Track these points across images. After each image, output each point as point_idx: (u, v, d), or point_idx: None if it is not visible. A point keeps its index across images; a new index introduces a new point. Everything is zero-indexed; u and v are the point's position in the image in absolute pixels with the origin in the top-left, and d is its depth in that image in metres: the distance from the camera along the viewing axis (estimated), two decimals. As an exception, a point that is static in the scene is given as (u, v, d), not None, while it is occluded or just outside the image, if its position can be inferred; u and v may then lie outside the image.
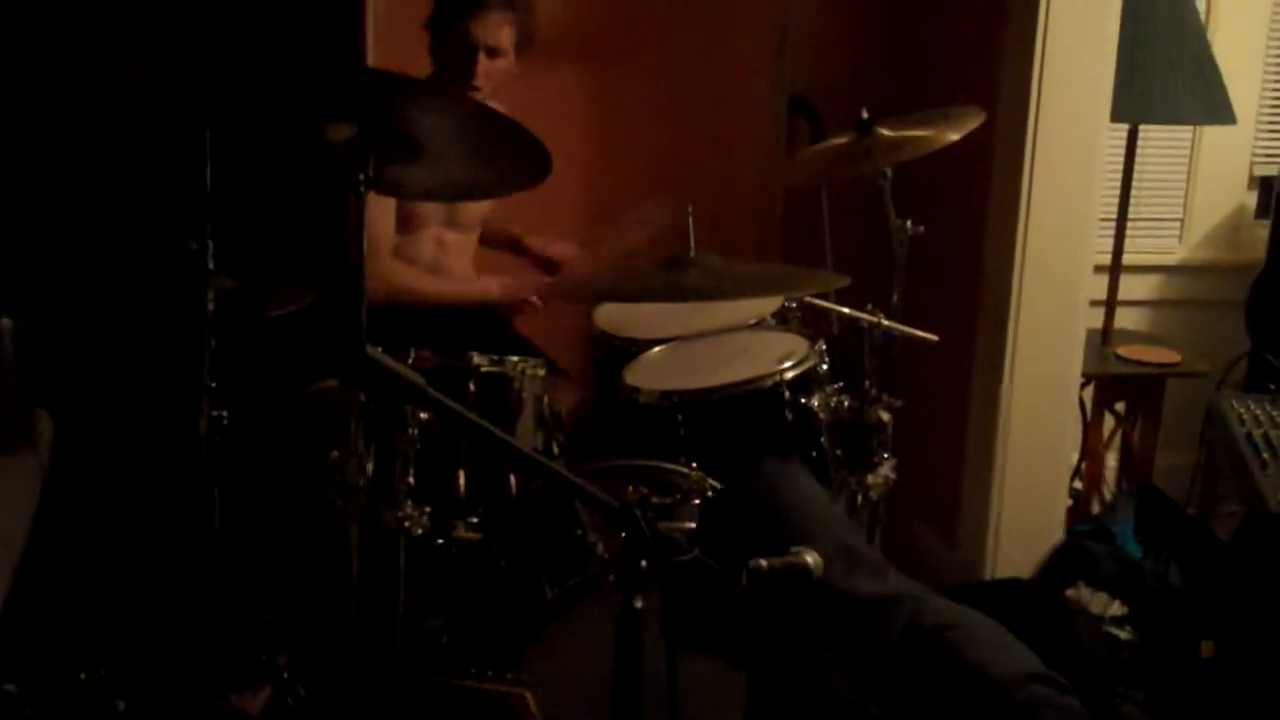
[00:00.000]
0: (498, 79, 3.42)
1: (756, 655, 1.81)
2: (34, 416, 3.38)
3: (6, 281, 3.50)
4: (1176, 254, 4.92)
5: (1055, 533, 3.83)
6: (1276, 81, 4.83)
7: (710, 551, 1.58)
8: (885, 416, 3.14)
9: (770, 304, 3.32)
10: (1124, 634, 3.51)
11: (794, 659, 1.75)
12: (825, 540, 1.80)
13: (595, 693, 1.68)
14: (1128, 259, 4.32)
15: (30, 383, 3.47)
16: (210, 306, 2.87)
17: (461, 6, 3.40)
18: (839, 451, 3.07)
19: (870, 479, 3.12)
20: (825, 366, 3.06)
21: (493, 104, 3.25)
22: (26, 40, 3.61)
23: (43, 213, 3.66)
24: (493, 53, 3.40)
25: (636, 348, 3.23)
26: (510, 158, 2.57)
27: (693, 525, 2.65)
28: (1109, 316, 4.29)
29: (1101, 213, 3.76)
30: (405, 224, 3.51)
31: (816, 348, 3.06)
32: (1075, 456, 4.22)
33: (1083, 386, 3.97)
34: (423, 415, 2.72)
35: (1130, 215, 4.27)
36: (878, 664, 1.72)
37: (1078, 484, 4.26)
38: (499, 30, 3.41)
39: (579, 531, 2.69)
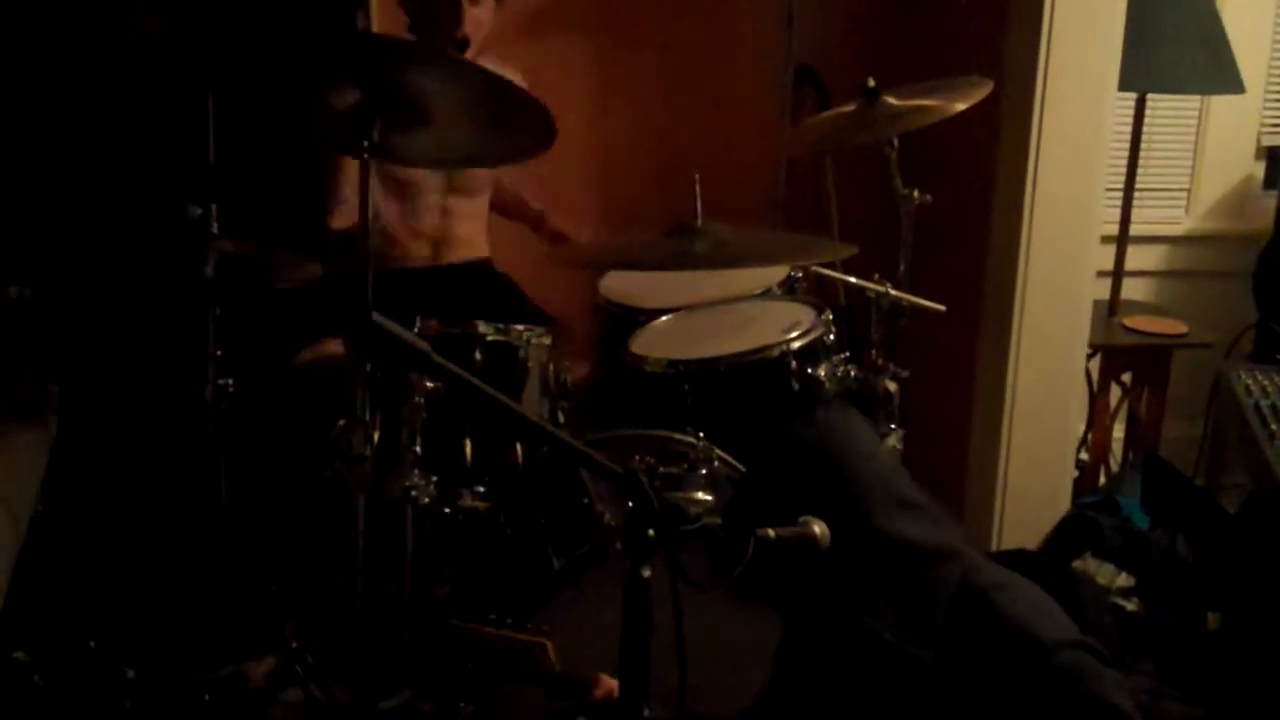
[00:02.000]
0: (484, 30, 3.38)
1: (798, 598, 1.81)
2: (40, 385, 3.38)
3: (12, 250, 3.50)
4: (1183, 224, 4.91)
5: (1061, 504, 3.82)
6: (1285, 51, 4.80)
7: (761, 501, 1.58)
8: (892, 387, 3.14)
9: (777, 273, 3.31)
10: (1130, 605, 3.50)
11: (841, 605, 1.74)
12: (886, 488, 1.79)
13: (604, 659, 1.68)
14: (1134, 229, 4.32)
15: (36, 351, 3.47)
16: (214, 273, 2.86)
17: None
18: (845, 422, 3.06)
19: (877, 449, 3.12)
20: (832, 336, 3.05)
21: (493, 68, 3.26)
22: (29, 8, 3.61)
23: (48, 182, 3.66)
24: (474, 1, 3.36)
25: (643, 316, 3.22)
26: (515, 125, 2.56)
27: (703, 496, 2.66)
28: (1116, 287, 4.28)
29: (1108, 183, 3.74)
30: (403, 193, 3.48)
31: (823, 317, 3.06)
32: (1081, 427, 4.22)
33: (1089, 357, 3.96)
34: (429, 384, 2.72)
35: (1137, 185, 4.26)
36: (931, 614, 1.71)
37: (1084, 455, 4.26)
38: None
39: (586, 500, 2.69)
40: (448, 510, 2.79)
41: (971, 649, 1.70)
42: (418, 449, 2.72)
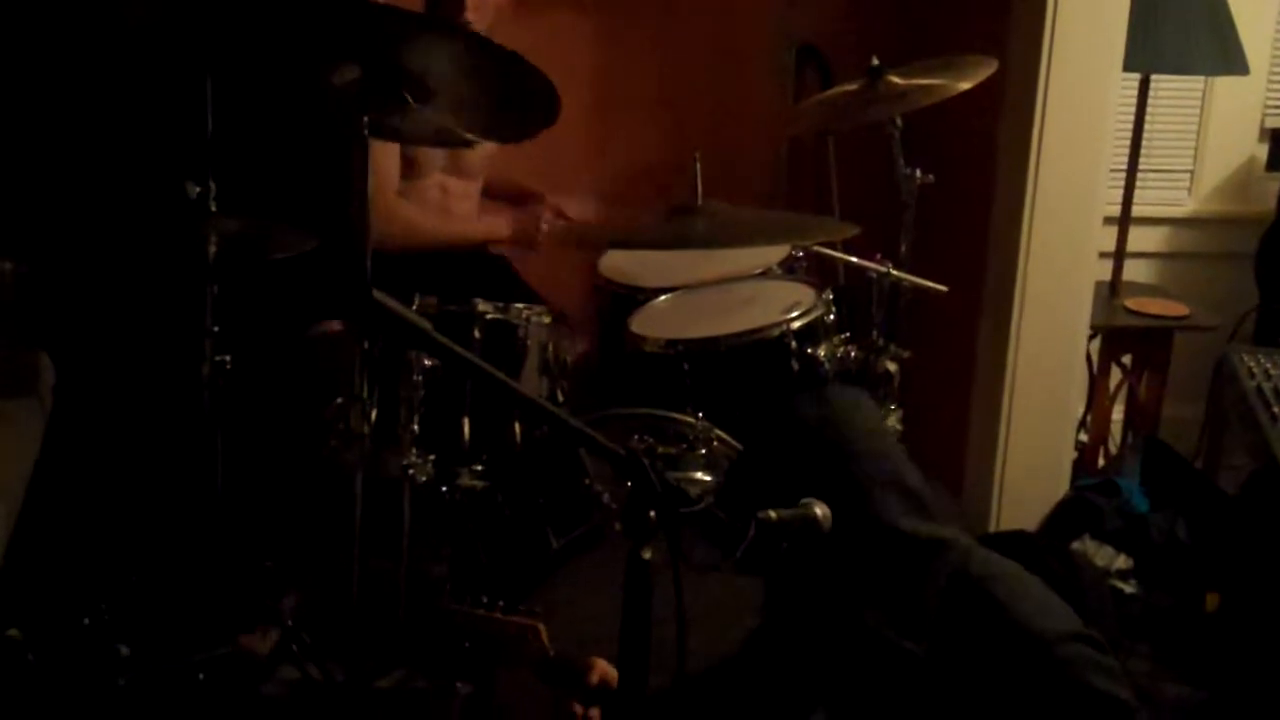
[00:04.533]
0: (488, 11, 3.36)
1: (784, 572, 1.81)
2: (36, 361, 3.36)
3: (7, 225, 3.48)
4: (1186, 206, 4.89)
5: (1061, 485, 3.82)
6: (1290, 32, 4.78)
7: (761, 479, 1.57)
8: (892, 367, 3.13)
9: (777, 253, 3.30)
10: (1129, 587, 3.50)
11: (826, 582, 1.74)
12: (886, 474, 1.78)
13: (603, 639, 1.67)
14: (1137, 211, 4.30)
15: (32, 327, 3.45)
16: (212, 250, 2.85)
17: None
18: (845, 402, 3.05)
19: (877, 430, 3.11)
20: (832, 316, 3.04)
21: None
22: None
23: (44, 157, 3.64)
24: None
25: (642, 296, 3.21)
26: (518, 99, 2.54)
27: (702, 476, 2.65)
28: (1118, 268, 4.27)
29: (1111, 164, 3.73)
30: (408, 169, 3.47)
31: (823, 297, 3.05)
32: (1081, 409, 4.21)
33: (1090, 339, 3.95)
34: (427, 362, 2.71)
35: (1140, 167, 4.25)
36: (922, 606, 1.71)
37: (1083, 436, 4.25)
38: None
39: (584, 480, 2.68)
40: (445, 489, 2.78)
41: (970, 641, 1.70)
42: (416, 427, 2.72)
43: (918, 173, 3.21)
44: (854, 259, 3.18)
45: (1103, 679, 1.65)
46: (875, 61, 3.14)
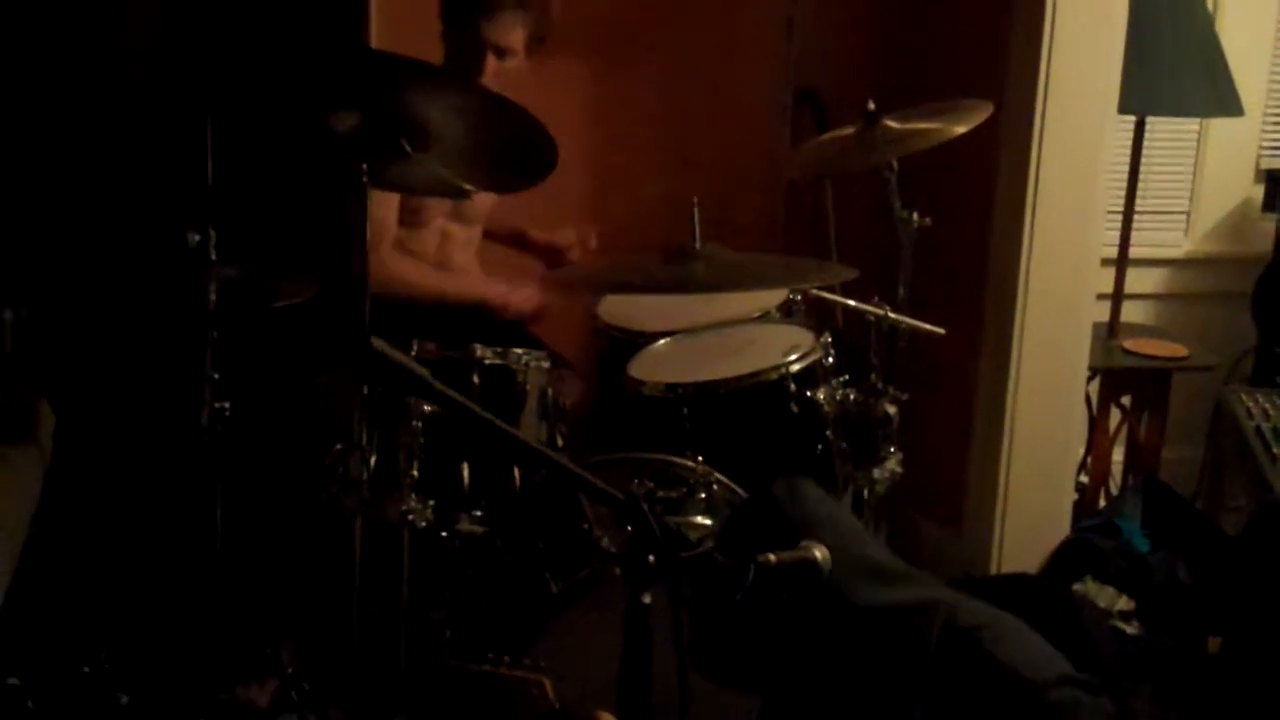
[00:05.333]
0: (506, 79, 3.38)
1: (776, 681, 1.81)
2: (35, 407, 3.37)
3: (8, 272, 3.49)
4: (1183, 247, 4.90)
5: (1061, 527, 3.81)
6: (1284, 74, 4.80)
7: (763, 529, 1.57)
8: (891, 410, 3.13)
9: (775, 296, 3.31)
10: (1131, 629, 3.49)
11: (819, 679, 1.74)
12: (859, 563, 1.79)
13: (603, 686, 1.66)
14: (1134, 252, 4.31)
15: (32, 374, 3.46)
16: (212, 297, 2.85)
17: (473, 5, 3.33)
18: (844, 445, 3.06)
19: (876, 473, 3.11)
20: (831, 359, 3.05)
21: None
22: (26, 28, 3.60)
23: (44, 203, 3.65)
24: (502, 53, 3.33)
25: (641, 340, 3.21)
26: (516, 149, 2.55)
27: (702, 520, 2.65)
28: (1115, 310, 4.28)
29: (1108, 205, 3.74)
30: (410, 217, 3.47)
31: (822, 340, 3.05)
32: (1081, 450, 4.20)
33: (1089, 380, 3.95)
34: (427, 407, 2.70)
35: (1136, 208, 4.26)
36: (916, 670, 1.71)
37: (1083, 478, 4.25)
38: (511, 31, 3.33)
39: (584, 525, 2.68)
40: (445, 534, 2.78)
41: (961, 692, 1.69)
42: (415, 472, 2.71)
43: (915, 216, 3.22)
44: (852, 302, 3.18)
45: None
46: (871, 106, 3.15)
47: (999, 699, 1.67)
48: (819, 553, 1.61)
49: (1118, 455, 4.38)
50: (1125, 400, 4.27)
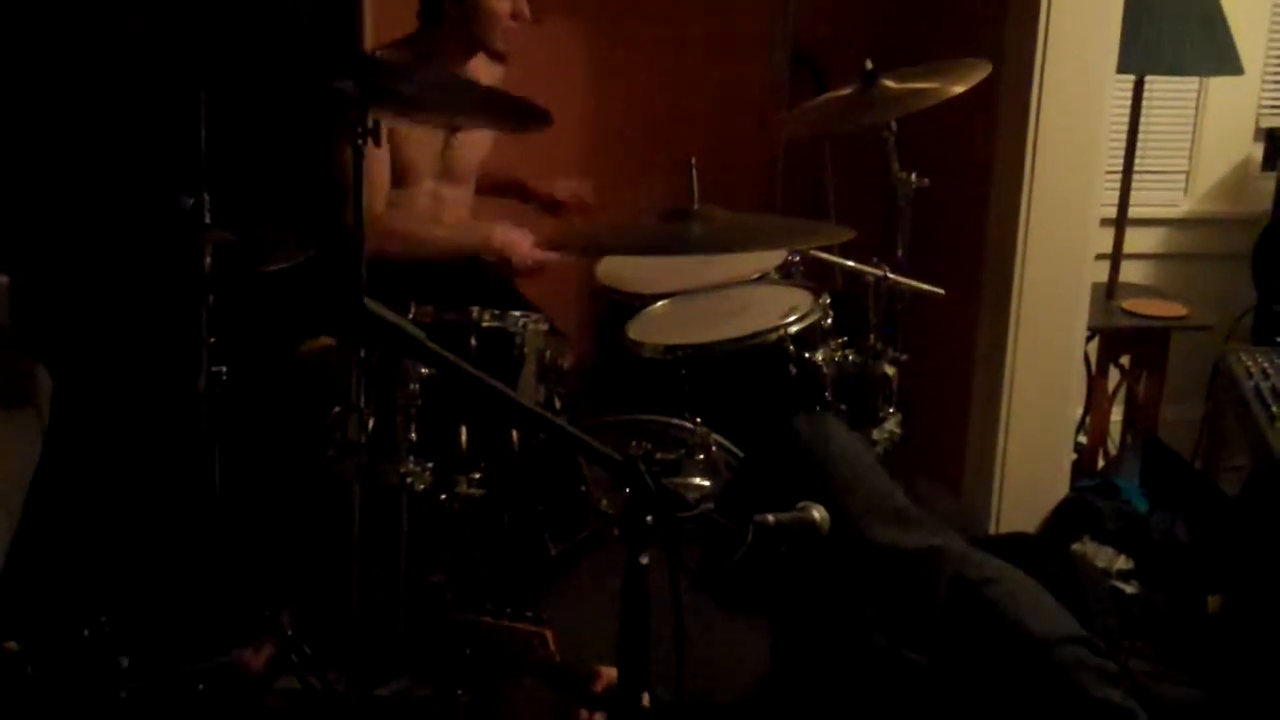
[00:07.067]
0: (516, 39, 3.36)
1: (788, 611, 1.81)
2: (33, 372, 3.36)
3: (4, 238, 3.48)
4: (1182, 207, 4.88)
5: (1060, 487, 3.81)
6: (1284, 32, 4.78)
7: (744, 509, 1.57)
8: (890, 371, 3.13)
9: (774, 258, 3.30)
10: (1130, 588, 3.50)
11: (829, 614, 1.74)
12: (874, 502, 1.79)
13: (601, 641, 1.67)
14: (1133, 212, 4.30)
15: (29, 338, 3.45)
16: (207, 261, 2.84)
17: None
18: (843, 406, 3.06)
19: (875, 434, 3.11)
20: (829, 321, 3.04)
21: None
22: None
23: (39, 169, 3.64)
24: (516, 16, 3.34)
25: (639, 302, 3.21)
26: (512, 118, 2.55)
27: (700, 481, 2.65)
28: (1114, 270, 4.27)
29: (1107, 165, 3.73)
30: (399, 178, 3.44)
31: (820, 302, 3.05)
32: (1080, 411, 4.20)
33: (1088, 340, 3.95)
34: (424, 370, 2.70)
35: (1136, 168, 4.25)
36: (924, 616, 1.71)
37: (1082, 438, 4.25)
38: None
39: (582, 487, 2.68)
40: (443, 497, 2.78)
41: (967, 645, 1.69)
42: (413, 435, 2.71)
43: (913, 176, 3.21)
44: (850, 263, 3.17)
45: (1099, 684, 1.65)
46: (869, 66, 3.14)
47: (1005, 652, 1.68)
48: (817, 513, 1.61)
49: (1116, 415, 4.38)
50: (1124, 360, 4.27)
